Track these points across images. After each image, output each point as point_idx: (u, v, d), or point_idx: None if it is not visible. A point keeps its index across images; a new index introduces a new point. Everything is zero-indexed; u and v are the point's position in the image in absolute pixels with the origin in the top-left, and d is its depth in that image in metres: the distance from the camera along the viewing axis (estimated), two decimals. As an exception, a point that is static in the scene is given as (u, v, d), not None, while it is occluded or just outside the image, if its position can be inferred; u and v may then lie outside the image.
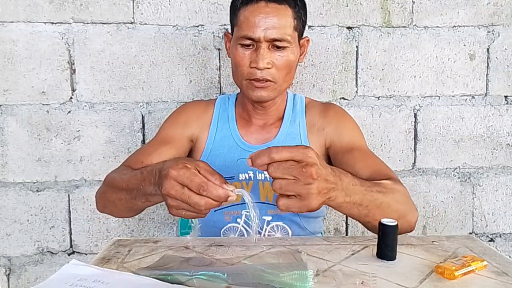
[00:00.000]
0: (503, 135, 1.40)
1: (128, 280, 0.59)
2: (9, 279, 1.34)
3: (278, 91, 0.97)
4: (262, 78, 0.92)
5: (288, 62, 0.94)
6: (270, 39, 0.91)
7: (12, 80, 1.28)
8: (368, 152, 1.00)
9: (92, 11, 1.28)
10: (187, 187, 0.62)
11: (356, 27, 1.35)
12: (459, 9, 1.35)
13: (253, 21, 0.90)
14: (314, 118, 1.05)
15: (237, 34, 0.94)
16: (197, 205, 0.62)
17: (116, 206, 0.88)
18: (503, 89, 1.39)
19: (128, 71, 1.31)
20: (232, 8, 0.97)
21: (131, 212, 0.90)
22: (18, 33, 1.27)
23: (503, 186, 1.42)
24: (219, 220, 0.98)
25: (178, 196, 0.62)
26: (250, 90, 0.95)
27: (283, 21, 0.91)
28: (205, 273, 0.59)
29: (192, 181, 0.62)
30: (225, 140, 1.03)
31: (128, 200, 0.81)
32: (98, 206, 0.95)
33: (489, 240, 1.44)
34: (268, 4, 0.91)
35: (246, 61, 0.93)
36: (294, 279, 0.57)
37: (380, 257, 0.68)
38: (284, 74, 0.95)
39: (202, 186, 0.61)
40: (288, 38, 0.92)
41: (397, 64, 1.36)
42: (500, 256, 0.69)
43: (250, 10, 0.91)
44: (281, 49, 0.93)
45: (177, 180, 0.62)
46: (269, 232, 0.98)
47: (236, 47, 0.94)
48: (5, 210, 1.32)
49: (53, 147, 1.32)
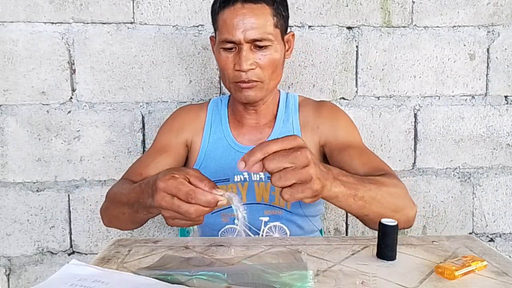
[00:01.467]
0: (503, 135, 1.40)
1: (128, 280, 0.59)
2: (9, 279, 1.34)
3: (266, 89, 0.96)
4: (247, 79, 0.92)
5: (272, 61, 0.93)
6: (250, 39, 0.90)
7: (12, 80, 1.28)
8: (364, 149, 0.99)
9: (92, 11, 1.28)
10: (176, 196, 0.62)
11: (356, 27, 1.35)
12: (459, 9, 1.35)
13: (231, 23, 0.90)
14: (307, 117, 1.04)
15: (219, 38, 0.94)
16: (187, 213, 0.62)
17: (120, 220, 0.89)
18: (503, 89, 1.39)
19: (128, 71, 1.31)
20: (212, 13, 0.97)
21: (136, 224, 0.90)
22: (18, 33, 1.27)
23: (503, 186, 1.42)
24: (216, 222, 0.98)
25: (169, 206, 0.63)
26: (238, 92, 0.95)
27: (261, 20, 0.90)
28: (205, 273, 0.59)
29: (180, 190, 0.62)
30: (219, 142, 1.03)
31: (131, 214, 0.82)
32: (104, 221, 0.96)
33: (489, 240, 1.44)
34: (245, 5, 0.90)
35: (230, 65, 0.93)
36: (294, 279, 0.57)
37: (380, 257, 0.68)
38: (270, 72, 0.94)
39: (190, 194, 0.62)
40: (269, 36, 0.91)
41: (397, 64, 1.36)
42: (500, 256, 0.69)
43: (227, 13, 0.91)
44: (263, 48, 0.92)
45: (165, 191, 0.63)
46: (267, 232, 0.98)
47: (219, 51, 0.94)
48: (5, 210, 1.32)
49: (53, 147, 1.32)
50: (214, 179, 0.98)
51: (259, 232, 0.98)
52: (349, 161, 0.94)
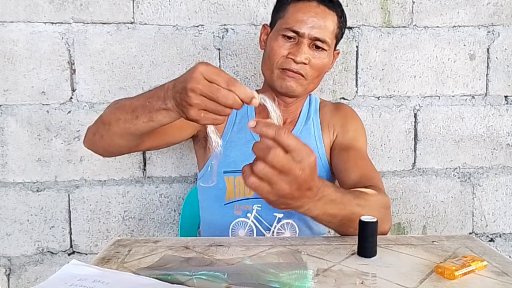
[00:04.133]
0: (503, 135, 1.40)
1: (128, 280, 0.59)
2: (9, 279, 1.34)
3: (305, 89, 1.00)
4: (296, 70, 0.95)
5: (322, 64, 0.98)
6: (313, 37, 0.95)
7: (12, 80, 1.28)
8: (365, 156, 1.01)
9: (92, 11, 1.28)
10: (215, 82, 0.60)
11: (356, 27, 1.35)
12: (459, 9, 1.35)
13: (302, 17, 0.94)
14: (326, 116, 1.08)
15: (282, 24, 0.97)
16: (225, 98, 0.60)
17: (109, 130, 0.81)
18: (503, 89, 1.39)
19: (128, 71, 1.31)
20: (281, 1, 1.00)
21: (124, 138, 0.82)
22: (18, 33, 1.27)
23: (503, 186, 1.42)
24: (229, 214, 0.98)
25: (205, 90, 0.60)
26: (280, 79, 0.97)
27: (328, 25, 0.96)
28: (205, 273, 0.59)
29: (220, 76, 0.60)
30: (242, 133, 1.04)
31: (127, 120, 0.76)
32: (88, 133, 0.90)
33: (489, 240, 1.44)
34: (320, 5, 0.95)
35: (284, 51, 0.96)
36: (294, 279, 0.57)
37: (360, 255, 0.68)
38: (316, 75, 0.99)
39: (231, 81, 0.60)
40: (329, 41, 0.97)
41: (397, 64, 1.36)
42: (500, 256, 0.69)
43: (301, 6, 0.95)
44: (320, 50, 0.97)
45: (204, 75, 0.60)
46: (278, 229, 0.98)
47: (277, 37, 0.97)
48: (5, 210, 1.32)
49: (53, 147, 1.31)
50: (233, 169, 0.99)
51: (270, 227, 0.98)
52: (345, 161, 0.96)
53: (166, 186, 1.35)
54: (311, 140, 1.04)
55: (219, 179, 0.99)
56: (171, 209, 1.36)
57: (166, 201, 1.36)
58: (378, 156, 1.38)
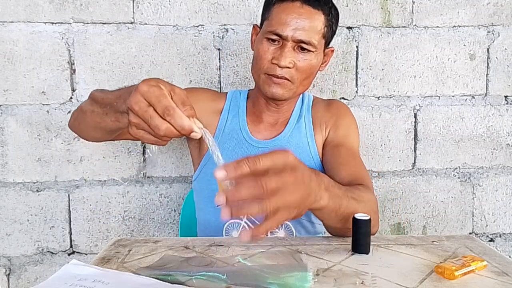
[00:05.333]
0: (503, 135, 1.40)
1: (128, 280, 0.59)
2: (9, 279, 1.34)
3: (294, 92, 0.98)
4: (280, 75, 0.93)
5: (309, 66, 0.95)
6: (297, 39, 0.91)
7: (12, 80, 1.28)
8: (355, 154, 1.00)
9: (92, 11, 1.28)
10: (153, 107, 0.57)
11: (356, 27, 1.35)
12: (459, 9, 1.35)
13: (285, 19, 0.91)
14: (318, 113, 1.06)
15: (266, 28, 0.94)
16: (156, 128, 0.57)
17: (85, 119, 0.81)
18: (503, 89, 1.39)
19: (128, 71, 1.31)
20: (267, 2, 0.98)
21: (97, 131, 0.82)
22: (18, 33, 1.27)
23: (503, 186, 1.42)
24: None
25: (140, 113, 0.57)
26: (266, 85, 0.96)
27: (313, 25, 0.92)
28: (205, 273, 0.59)
29: (159, 102, 0.57)
30: (234, 133, 1.03)
31: (99, 115, 0.75)
32: (71, 118, 0.91)
33: (489, 240, 1.44)
34: (304, 5, 0.92)
35: (269, 56, 0.93)
36: (294, 279, 0.57)
37: (354, 251, 0.69)
38: (303, 77, 0.96)
39: (168, 110, 0.56)
40: (315, 43, 0.93)
41: (397, 64, 1.36)
42: (500, 256, 0.69)
43: (284, 7, 0.92)
44: (305, 51, 0.93)
45: (144, 96, 0.57)
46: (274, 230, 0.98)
47: (262, 41, 0.95)
48: (5, 210, 1.32)
49: (53, 147, 1.32)
50: None
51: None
52: (335, 159, 0.95)
53: (166, 186, 1.35)
54: (303, 139, 1.03)
55: (213, 181, 0.98)
56: (171, 209, 1.36)
57: (166, 201, 1.36)
58: (378, 156, 1.38)
